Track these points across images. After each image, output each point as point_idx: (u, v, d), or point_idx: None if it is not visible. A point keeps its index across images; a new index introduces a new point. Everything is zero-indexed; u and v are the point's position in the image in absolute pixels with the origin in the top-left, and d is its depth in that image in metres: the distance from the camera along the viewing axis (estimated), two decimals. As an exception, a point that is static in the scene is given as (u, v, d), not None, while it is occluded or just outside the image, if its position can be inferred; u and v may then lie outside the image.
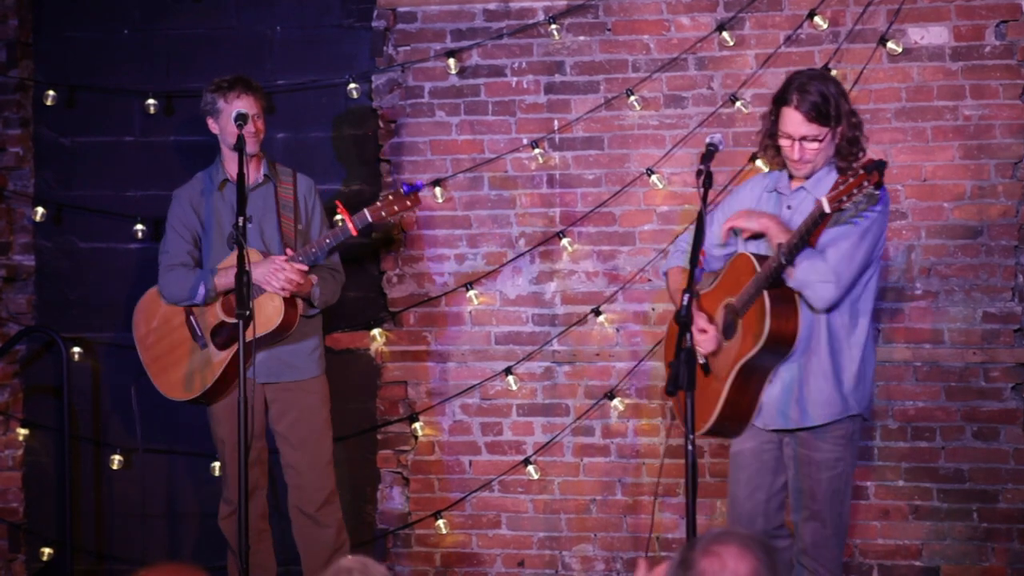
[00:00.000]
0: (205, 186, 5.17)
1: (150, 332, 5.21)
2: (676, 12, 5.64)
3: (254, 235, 5.03)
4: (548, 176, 5.75)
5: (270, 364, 5.04)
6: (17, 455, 6.03)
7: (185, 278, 5.05)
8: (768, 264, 4.23)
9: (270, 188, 5.12)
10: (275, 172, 5.16)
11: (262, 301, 4.91)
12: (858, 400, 4.38)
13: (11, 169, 6.02)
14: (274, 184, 5.13)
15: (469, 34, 5.78)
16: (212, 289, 5.01)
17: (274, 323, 4.93)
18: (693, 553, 2.54)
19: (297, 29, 5.92)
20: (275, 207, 5.09)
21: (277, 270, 4.88)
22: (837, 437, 4.35)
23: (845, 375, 4.35)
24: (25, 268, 6.06)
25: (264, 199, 5.11)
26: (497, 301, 5.78)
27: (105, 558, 6.00)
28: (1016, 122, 5.39)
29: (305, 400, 5.13)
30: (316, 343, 5.18)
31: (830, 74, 4.55)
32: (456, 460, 5.80)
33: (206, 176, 5.20)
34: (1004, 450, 5.42)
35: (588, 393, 5.70)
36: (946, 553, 5.46)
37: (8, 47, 5.98)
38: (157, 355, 5.18)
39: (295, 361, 5.10)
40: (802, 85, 4.29)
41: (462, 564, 5.79)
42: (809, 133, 4.27)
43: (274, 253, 5.03)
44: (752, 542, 2.55)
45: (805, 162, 4.32)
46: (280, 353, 5.07)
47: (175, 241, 5.13)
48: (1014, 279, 5.43)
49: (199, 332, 5.09)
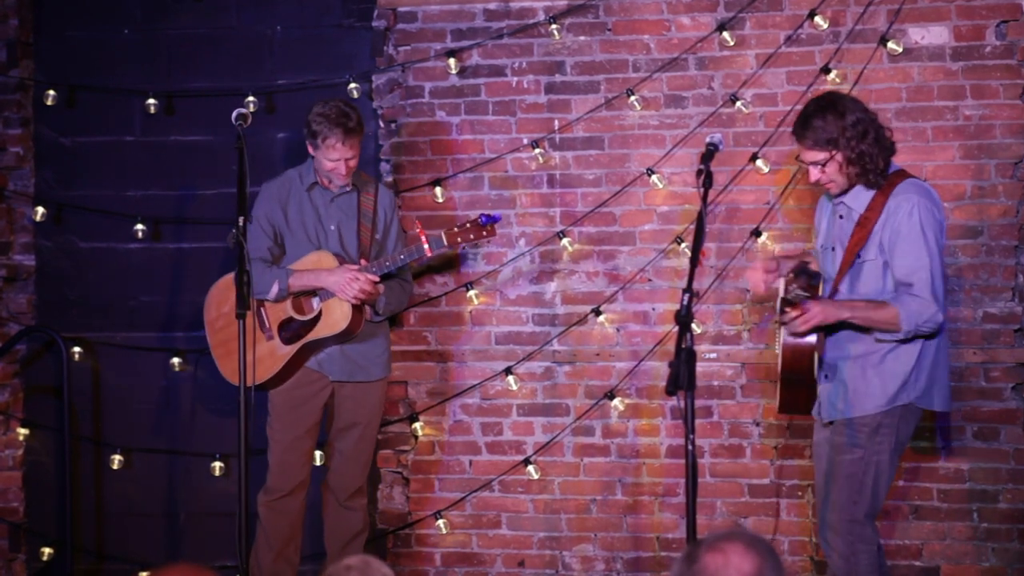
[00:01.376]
0: (294, 185, 5.28)
1: (220, 316, 5.32)
2: (676, 12, 5.64)
3: (334, 240, 5.21)
4: (548, 176, 5.75)
5: (343, 364, 5.24)
6: (17, 455, 6.03)
7: (261, 274, 5.14)
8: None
9: (353, 197, 5.25)
10: (360, 181, 5.29)
11: (332, 304, 5.13)
12: (905, 392, 4.55)
13: (11, 169, 6.02)
14: (358, 193, 5.26)
15: (469, 34, 5.78)
16: (285, 288, 5.16)
17: (340, 327, 5.14)
18: (699, 549, 2.57)
19: (297, 29, 5.92)
20: (356, 215, 5.24)
21: (352, 280, 5.08)
22: (860, 427, 4.54)
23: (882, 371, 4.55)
24: (25, 268, 6.06)
25: (347, 207, 5.24)
26: (497, 301, 5.78)
27: (105, 558, 6.01)
28: (1016, 122, 5.39)
29: (370, 398, 5.32)
30: (384, 346, 5.35)
31: (833, 96, 4.63)
32: (456, 460, 5.80)
33: (295, 174, 5.30)
34: (1004, 450, 5.42)
35: (588, 393, 5.70)
36: (946, 553, 5.46)
37: (8, 47, 5.98)
38: (224, 339, 5.28)
39: (366, 363, 5.27)
40: (802, 117, 4.61)
41: (462, 564, 5.79)
42: (807, 159, 4.60)
43: (351, 258, 5.18)
44: (758, 542, 2.58)
45: (823, 183, 4.62)
46: (354, 355, 5.24)
47: (257, 235, 5.22)
48: (1014, 279, 5.43)
49: (267, 324, 5.23)
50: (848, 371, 4.56)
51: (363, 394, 5.31)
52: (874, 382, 4.54)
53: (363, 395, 5.31)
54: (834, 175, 4.56)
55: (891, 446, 4.55)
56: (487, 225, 5.18)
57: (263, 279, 5.14)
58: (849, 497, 4.55)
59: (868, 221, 4.51)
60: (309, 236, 5.24)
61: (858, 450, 4.53)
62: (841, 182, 4.57)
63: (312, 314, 5.18)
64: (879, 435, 4.54)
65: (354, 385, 5.29)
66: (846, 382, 4.56)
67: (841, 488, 4.55)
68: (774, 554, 2.61)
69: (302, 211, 5.26)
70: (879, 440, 4.53)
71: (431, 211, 5.79)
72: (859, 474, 4.55)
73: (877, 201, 4.53)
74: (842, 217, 4.63)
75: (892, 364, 4.53)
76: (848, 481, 4.55)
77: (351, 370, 5.27)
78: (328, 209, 5.24)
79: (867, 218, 4.52)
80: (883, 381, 4.53)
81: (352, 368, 5.27)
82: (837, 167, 4.54)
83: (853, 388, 4.55)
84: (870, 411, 4.53)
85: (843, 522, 4.55)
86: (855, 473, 4.55)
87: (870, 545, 4.56)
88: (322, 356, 5.24)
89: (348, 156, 5.13)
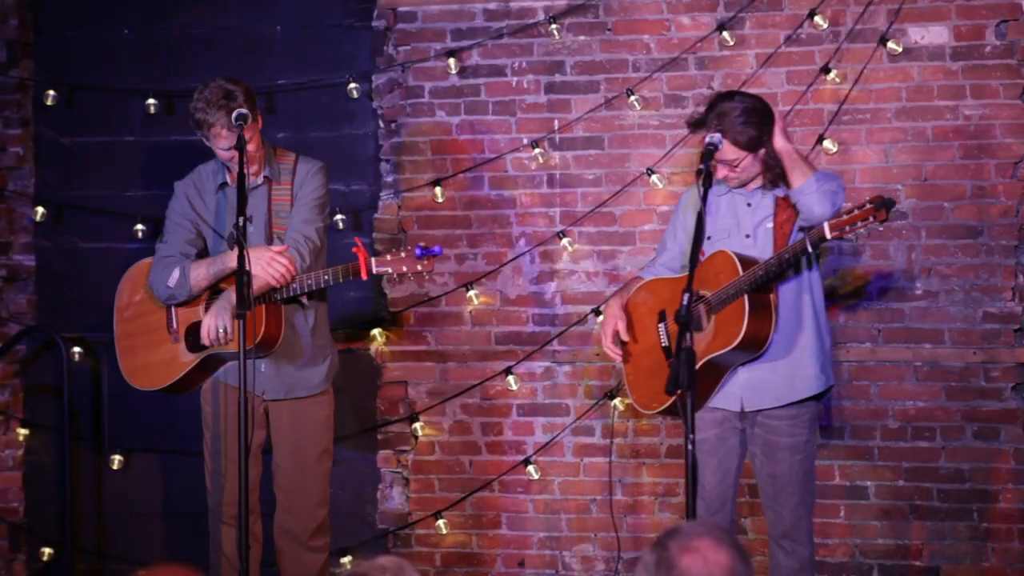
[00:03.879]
0: (207, 183, 4.92)
1: (131, 305, 4.95)
2: (676, 12, 5.64)
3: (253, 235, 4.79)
4: (548, 176, 5.75)
5: (277, 379, 4.81)
6: (17, 455, 6.03)
7: (163, 269, 4.78)
8: (754, 271, 4.37)
9: (264, 191, 4.85)
10: (275, 169, 4.86)
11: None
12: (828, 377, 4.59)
13: (11, 169, 6.02)
14: (269, 185, 4.86)
15: (469, 34, 5.78)
16: (188, 275, 4.73)
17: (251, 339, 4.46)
18: (668, 552, 2.53)
19: (297, 29, 5.92)
20: (266, 212, 4.84)
21: (271, 259, 4.57)
22: (805, 420, 4.53)
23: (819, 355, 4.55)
24: (25, 268, 6.06)
25: (258, 202, 4.84)
26: (497, 301, 5.78)
27: (105, 558, 6.01)
28: (1016, 122, 5.39)
29: (316, 414, 4.88)
30: (325, 355, 4.91)
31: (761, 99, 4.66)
32: (456, 460, 5.80)
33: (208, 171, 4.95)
34: (1004, 450, 5.42)
35: (588, 393, 5.70)
36: (946, 553, 5.46)
37: (8, 47, 5.98)
38: (129, 331, 4.94)
39: (303, 374, 4.84)
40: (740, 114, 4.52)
41: (462, 564, 5.79)
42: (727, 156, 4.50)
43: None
44: (719, 531, 2.59)
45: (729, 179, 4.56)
46: (289, 367, 4.81)
47: (171, 230, 4.89)
48: (1014, 279, 5.42)
49: (175, 325, 4.83)
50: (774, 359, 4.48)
51: (306, 412, 4.83)
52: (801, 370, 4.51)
53: (307, 413, 4.83)
54: (744, 171, 4.52)
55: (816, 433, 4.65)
56: (422, 258, 4.62)
57: (163, 273, 4.73)
58: (803, 499, 4.55)
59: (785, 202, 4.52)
60: (221, 235, 4.82)
61: (808, 445, 4.54)
62: (745, 178, 4.55)
63: None
64: (815, 424, 4.60)
65: (293, 403, 4.82)
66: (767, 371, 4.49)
67: (802, 485, 4.54)
68: (733, 536, 2.63)
69: (216, 210, 4.86)
70: (815, 429, 4.60)
71: (431, 211, 5.79)
72: (811, 469, 4.57)
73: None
74: (750, 205, 4.59)
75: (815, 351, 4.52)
76: (807, 478, 4.55)
77: (289, 385, 4.81)
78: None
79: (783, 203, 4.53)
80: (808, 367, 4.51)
81: (290, 383, 4.81)
82: (749, 164, 4.51)
83: (792, 373, 4.51)
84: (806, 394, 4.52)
85: (810, 532, 4.58)
86: (809, 470, 4.56)
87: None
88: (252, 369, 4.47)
89: (233, 142, 4.55)
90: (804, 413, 4.54)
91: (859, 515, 5.48)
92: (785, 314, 4.46)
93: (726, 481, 4.60)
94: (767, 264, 4.36)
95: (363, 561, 2.71)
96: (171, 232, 4.90)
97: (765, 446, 4.55)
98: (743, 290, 4.37)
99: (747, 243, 4.56)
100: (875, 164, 5.49)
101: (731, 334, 4.37)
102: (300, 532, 4.86)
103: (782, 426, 4.52)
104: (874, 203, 4.13)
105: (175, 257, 4.83)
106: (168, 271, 4.80)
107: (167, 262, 4.83)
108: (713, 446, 4.56)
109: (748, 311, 4.36)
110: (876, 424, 5.48)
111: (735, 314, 4.37)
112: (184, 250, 4.86)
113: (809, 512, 4.60)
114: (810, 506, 4.61)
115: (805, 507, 4.57)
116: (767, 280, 4.38)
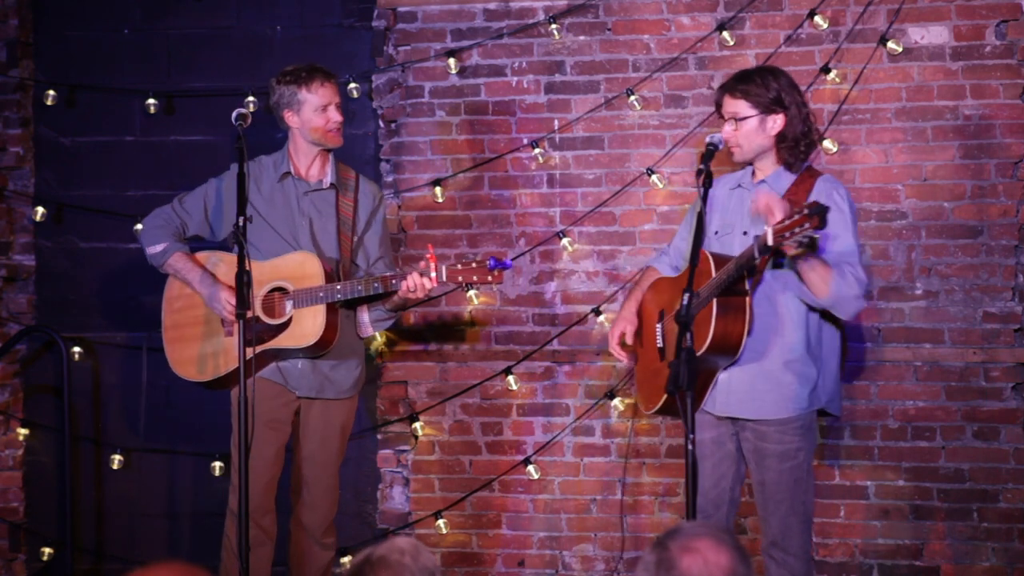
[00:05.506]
0: (267, 171, 4.97)
1: (181, 296, 4.94)
2: (676, 12, 5.64)
3: (305, 235, 4.87)
4: (548, 176, 5.75)
5: (313, 378, 4.87)
6: (17, 455, 6.03)
7: (162, 223, 4.94)
8: (720, 273, 4.22)
9: (332, 196, 4.93)
10: (340, 180, 4.96)
11: (304, 314, 4.73)
12: (826, 394, 4.42)
13: (11, 169, 6.02)
14: (336, 193, 4.93)
15: (469, 34, 5.78)
16: (165, 257, 4.87)
17: (308, 340, 4.74)
18: (669, 552, 2.53)
19: (297, 29, 5.93)
20: (335, 219, 4.90)
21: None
22: (796, 428, 4.36)
23: (808, 371, 4.37)
24: (25, 268, 6.06)
25: (323, 205, 4.92)
26: (497, 301, 5.78)
27: (105, 558, 6.01)
28: (1016, 122, 5.40)
29: (340, 417, 4.96)
30: (357, 363, 4.98)
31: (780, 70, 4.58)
32: (456, 460, 5.80)
33: (269, 161, 5.00)
34: (1004, 450, 5.42)
35: (588, 393, 5.70)
36: (946, 553, 5.46)
37: (8, 47, 5.98)
38: (178, 322, 4.94)
39: (338, 377, 4.90)
40: (749, 72, 4.50)
41: (462, 564, 5.79)
42: (730, 110, 4.40)
43: (329, 260, 4.86)
44: (719, 531, 2.58)
45: (730, 143, 4.40)
46: (325, 368, 4.88)
47: (194, 198, 4.99)
48: (1014, 279, 5.43)
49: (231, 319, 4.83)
50: (761, 367, 4.34)
51: (333, 413, 4.93)
52: (792, 383, 4.35)
53: (333, 414, 4.93)
54: (746, 137, 4.38)
55: (814, 442, 4.46)
56: (494, 270, 4.68)
57: (157, 231, 4.92)
58: (792, 508, 4.37)
59: (796, 199, 4.26)
60: (277, 227, 4.88)
61: (800, 453, 4.36)
62: (748, 148, 4.40)
63: (281, 320, 4.78)
64: (810, 432, 4.41)
65: (323, 403, 4.91)
66: (757, 380, 4.35)
67: (792, 493, 4.37)
68: (733, 535, 2.61)
69: (272, 199, 4.91)
70: (810, 438, 4.41)
71: (431, 211, 5.80)
72: (804, 477, 4.39)
73: (803, 183, 4.36)
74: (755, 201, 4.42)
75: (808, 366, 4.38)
76: (798, 487, 4.38)
77: (320, 385, 4.90)
78: (301, 202, 4.91)
79: (795, 198, 4.28)
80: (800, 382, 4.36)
81: (322, 382, 4.89)
82: (753, 129, 4.37)
83: (775, 383, 4.34)
84: (799, 411, 4.37)
85: (803, 542, 4.39)
86: (801, 478, 4.38)
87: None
88: (286, 365, 4.85)
89: (338, 100, 4.87)
90: (794, 420, 4.35)
91: (859, 515, 5.48)
92: (761, 317, 4.30)
93: (721, 485, 4.47)
94: (727, 268, 4.21)
95: (381, 543, 2.69)
96: (191, 202, 5.00)
97: (755, 453, 4.39)
98: (713, 292, 4.23)
99: (746, 241, 4.46)
100: (875, 164, 5.49)
101: (702, 336, 4.22)
102: (316, 528, 4.93)
103: (770, 432, 4.35)
104: (809, 209, 3.99)
105: (174, 225, 4.96)
106: (162, 232, 4.93)
107: (168, 220, 4.95)
108: (709, 449, 4.44)
109: (716, 314, 4.21)
110: (876, 424, 5.48)
111: (704, 317, 4.24)
112: (184, 221, 4.98)
113: (802, 522, 4.38)
114: (803, 516, 4.39)
115: (796, 516, 4.37)
116: (731, 283, 4.21)
